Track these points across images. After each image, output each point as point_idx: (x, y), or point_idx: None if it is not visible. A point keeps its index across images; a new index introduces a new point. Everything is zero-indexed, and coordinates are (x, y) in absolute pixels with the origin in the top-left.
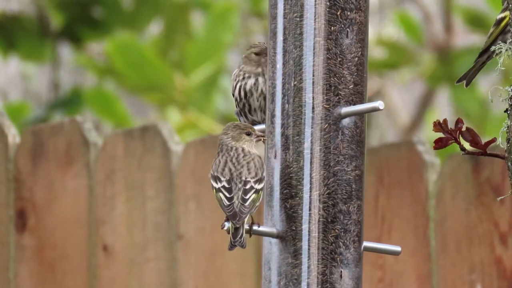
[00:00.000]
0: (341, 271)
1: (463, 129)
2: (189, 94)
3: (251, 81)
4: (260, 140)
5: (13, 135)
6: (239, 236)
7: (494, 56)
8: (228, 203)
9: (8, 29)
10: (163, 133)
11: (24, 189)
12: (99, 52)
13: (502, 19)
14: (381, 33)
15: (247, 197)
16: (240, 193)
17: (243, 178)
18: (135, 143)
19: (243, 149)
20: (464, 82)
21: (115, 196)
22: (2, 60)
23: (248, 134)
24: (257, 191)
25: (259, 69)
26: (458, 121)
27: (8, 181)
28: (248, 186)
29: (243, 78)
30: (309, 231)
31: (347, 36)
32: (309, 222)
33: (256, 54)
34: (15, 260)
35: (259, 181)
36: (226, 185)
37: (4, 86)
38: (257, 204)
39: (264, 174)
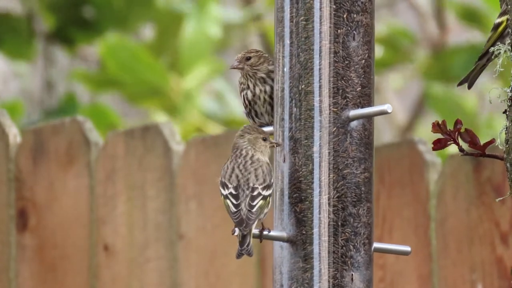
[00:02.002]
0: (352, 274)
1: (462, 130)
2: (186, 96)
3: (250, 94)
4: (274, 146)
5: (14, 135)
6: (246, 244)
7: (493, 57)
8: (235, 210)
9: None
10: (164, 132)
11: (25, 188)
12: (91, 54)
13: (500, 24)
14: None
15: (254, 203)
16: (248, 199)
17: (251, 185)
18: (136, 142)
19: (252, 156)
20: (467, 84)
21: (116, 195)
22: None
23: (264, 139)
24: (264, 198)
25: (248, 81)
26: (457, 122)
27: (9, 180)
28: (255, 193)
29: (243, 89)
30: (319, 235)
31: (353, 39)
32: (319, 226)
33: (237, 65)
34: (16, 260)
35: (267, 187)
36: (233, 192)
37: None
38: (266, 210)
39: (273, 180)
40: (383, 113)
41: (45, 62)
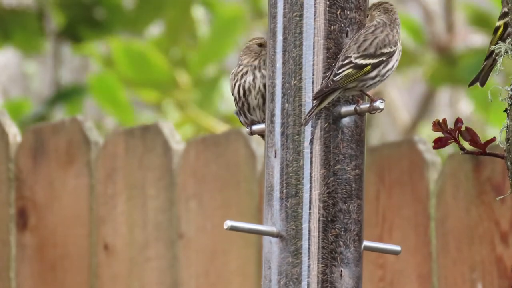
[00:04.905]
0: (341, 270)
1: (463, 128)
2: (190, 93)
3: (249, 78)
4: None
5: (14, 134)
6: (307, 114)
7: (494, 56)
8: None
9: (5, 21)
10: (164, 132)
11: (25, 188)
12: (100, 52)
13: (498, 28)
14: None
15: (339, 71)
16: (335, 68)
17: (347, 54)
18: (136, 142)
19: (375, 27)
20: (478, 84)
21: (116, 195)
22: (2, 58)
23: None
24: (357, 66)
25: (256, 62)
26: (458, 121)
27: (9, 180)
28: (345, 62)
29: (242, 76)
30: (309, 230)
31: (347, 36)
32: (309, 221)
33: (259, 45)
34: (16, 259)
35: (370, 56)
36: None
37: (5, 85)
38: (361, 78)
39: (385, 50)
40: (375, 109)
41: (55, 62)
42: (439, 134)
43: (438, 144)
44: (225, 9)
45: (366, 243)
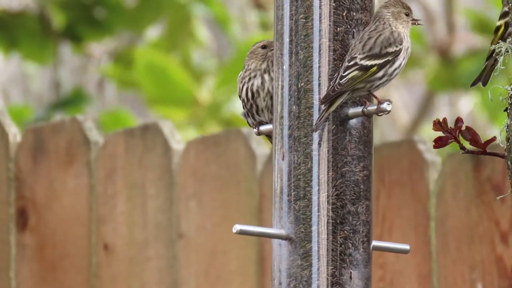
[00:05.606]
0: (350, 272)
1: (463, 128)
2: (209, 110)
3: (257, 81)
4: (415, 24)
5: (14, 134)
6: (318, 119)
7: (494, 55)
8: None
9: (9, 26)
10: (164, 131)
11: (24, 187)
12: (101, 52)
13: (499, 27)
14: None
15: (345, 74)
16: (341, 70)
17: (352, 55)
18: (135, 142)
19: (389, 25)
20: (480, 83)
21: (116, 195)
22: (3, 59)
23: (407, 14)
24: (362, 68)
25: (264, 65)
26: (458, 120)
27: (9, 179)
28: (350, 63)
29: (249, 79)
30: (318, 233)
31: (353, 37)
32: (318, 224)
33: (263, 47)
34: (16, 259)
35: (376, 56)
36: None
37: (5, 86)
38: (368, 79)
39: (390, 49)
40: (382, 111)
41: (54, 63)
42: (439, 134)
43: (439, 143)
44: (249, 37)
45: (374, 243)
